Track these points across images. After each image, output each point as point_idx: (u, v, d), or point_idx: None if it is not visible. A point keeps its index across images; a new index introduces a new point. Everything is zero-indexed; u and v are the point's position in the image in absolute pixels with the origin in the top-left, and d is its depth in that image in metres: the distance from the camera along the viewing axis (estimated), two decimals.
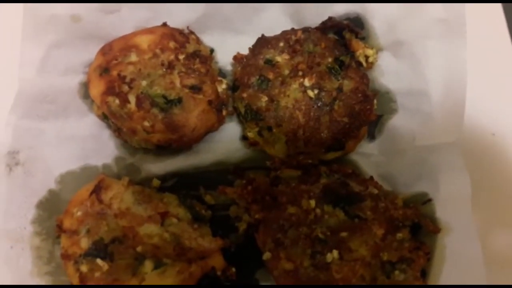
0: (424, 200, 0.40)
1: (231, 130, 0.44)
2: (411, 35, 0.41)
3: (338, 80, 0.41)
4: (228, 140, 0.43)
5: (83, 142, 0.42)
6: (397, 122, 0.42)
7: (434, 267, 0.37)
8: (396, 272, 0.36)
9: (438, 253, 0.38)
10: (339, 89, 0.41)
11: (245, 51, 0.44)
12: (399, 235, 0.38)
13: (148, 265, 0.36)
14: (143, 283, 0.36)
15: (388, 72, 0.43)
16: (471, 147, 0.42)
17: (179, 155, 0.43)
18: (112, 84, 0.40)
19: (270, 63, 0.42)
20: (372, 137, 0.43)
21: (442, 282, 0.37)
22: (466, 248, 0.37)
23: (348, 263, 0.36)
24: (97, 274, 0.36)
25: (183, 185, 0.42)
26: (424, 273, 0.38)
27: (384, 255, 0.37)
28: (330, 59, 0.41)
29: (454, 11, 0.39)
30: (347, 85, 0.41)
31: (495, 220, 0.41)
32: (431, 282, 0.37)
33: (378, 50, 0.44)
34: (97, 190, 0.38)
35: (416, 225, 0.39)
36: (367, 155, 0.43)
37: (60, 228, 0.38)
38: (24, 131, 0.40)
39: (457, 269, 0.37)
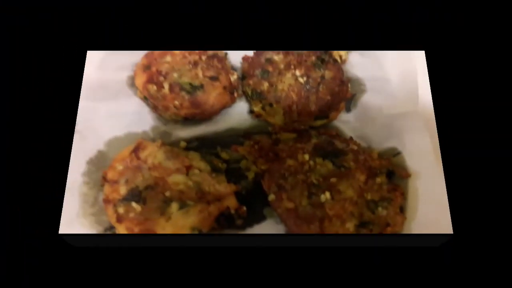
0: (394, 153, 0.46)
1: (241, 106, 0.50)
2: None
3: (321, 71, 0.50)
4: (239, 113, 0.49)
5: (128, 116, 0.48)
6: (367, 98, 0.50)
7: (410, 204, 0.43)
8: (379, 208, 0.41)
9: (412, 194, 0.43)
10: (322, 77, 0.49)
11: (251, 55, 0.52)
12: (378, 180, 0.43)
13: (174, 206, 0.40)
14: (169, 221, 0.40)
15: (357, 65, 0.52)
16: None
17: (201, 124, 0.49)
18: (152, 76, 0.48)
19: (269, 61, 0.51)
20: (348, 109, 0.50)
21: (419, 216, 0.41)
22: (434, 188, 0.42)
23: (338, 202, 0.41)
24: (131, 215, 0.40)
25: (203, 146, 0.47)
26: (402, 209, 0.42)
27: (368, 195, 0.42)
28: (314, 58, 0.51)
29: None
30: (328, 74, 0.50)
31: None
32: (409, 216, 0.42)
33: (348, 52, 0.53)
34: (136, 149, 0.44)
35: (390, 172, 0.45)
36: (346, 122, 0.49)
37: (104, 179, 0.43)
38: (85, 109, 0.47)
39: (429, 205, 0.42)
